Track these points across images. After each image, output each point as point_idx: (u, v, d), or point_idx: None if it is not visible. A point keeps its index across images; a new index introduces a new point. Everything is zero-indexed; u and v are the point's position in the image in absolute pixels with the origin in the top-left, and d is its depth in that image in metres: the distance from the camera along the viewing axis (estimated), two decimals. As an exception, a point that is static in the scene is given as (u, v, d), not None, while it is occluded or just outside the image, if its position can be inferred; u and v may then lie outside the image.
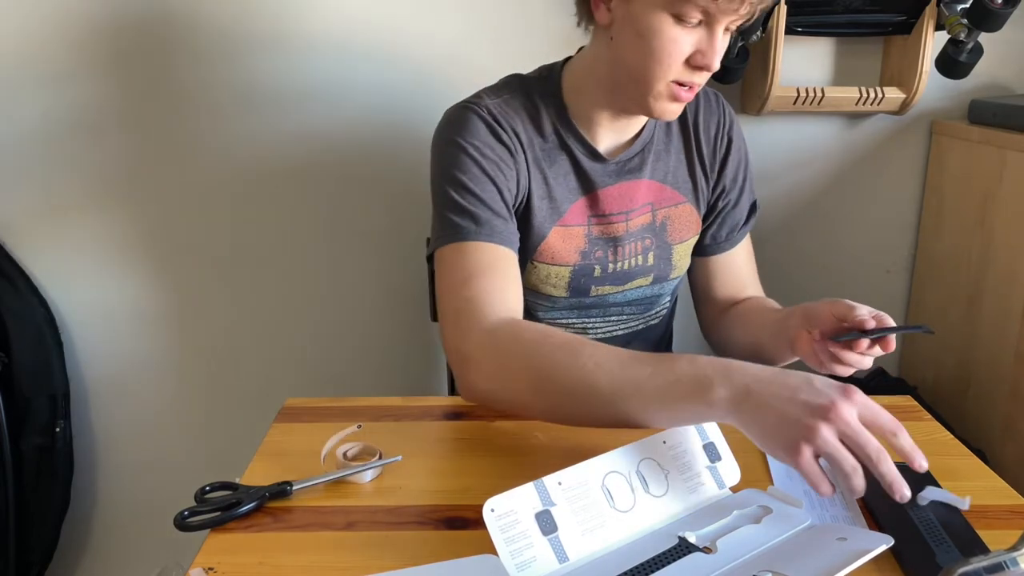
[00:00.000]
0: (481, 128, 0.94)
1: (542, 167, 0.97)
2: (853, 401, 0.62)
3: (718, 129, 1.05)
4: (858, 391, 0.63)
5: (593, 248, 1.01)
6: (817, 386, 0.64)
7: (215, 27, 1.36)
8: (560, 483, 0.65)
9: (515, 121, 0.96)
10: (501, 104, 0.97)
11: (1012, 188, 1.27)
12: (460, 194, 0.91)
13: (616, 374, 0.73)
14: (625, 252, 1.02)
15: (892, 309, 1.57)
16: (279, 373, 1.55)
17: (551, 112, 0.98)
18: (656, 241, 1.04)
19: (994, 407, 1.31)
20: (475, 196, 0.91)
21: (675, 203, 1.04)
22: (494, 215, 0.91)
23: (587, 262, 1.01)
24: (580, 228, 1.00)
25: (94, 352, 1.52)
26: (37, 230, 1.45)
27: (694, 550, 0.64)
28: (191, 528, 0.70)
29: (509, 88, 0.99)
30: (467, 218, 0.90)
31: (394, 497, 0.75)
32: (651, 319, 1.10)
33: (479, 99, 0.97)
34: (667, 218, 1.04)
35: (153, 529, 1.56)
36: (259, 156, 1.43)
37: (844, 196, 1.51)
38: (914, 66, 1.35)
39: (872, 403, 0.63)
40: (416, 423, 0.90)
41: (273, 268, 1.49)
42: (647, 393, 0.71)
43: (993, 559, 0.53)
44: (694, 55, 0.86)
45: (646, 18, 0.85)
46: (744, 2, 0.81)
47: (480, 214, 0.90)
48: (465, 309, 0.85)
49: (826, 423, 0.61)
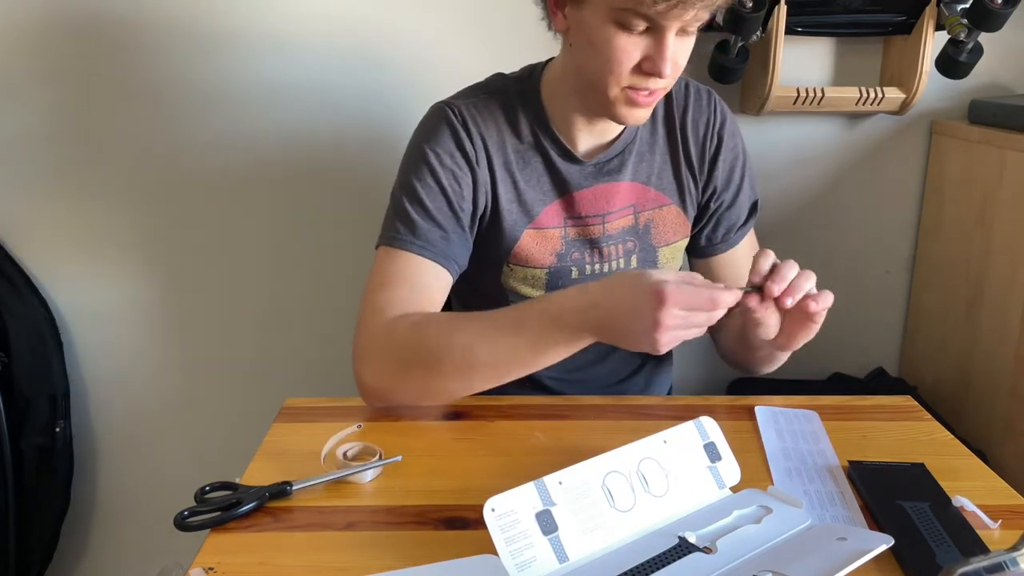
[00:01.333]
0: (446, 135, 0.95)
1: (512, 170, 0.97)
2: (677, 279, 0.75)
3: (707, 128, 1.02)
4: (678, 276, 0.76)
5: (570, 250, 1.00)
6: (643, 282, 0.76)
7: (216, 28, 1.36)
8: (561, 483, 0.65)
9: (488, 123, 0.97)
10: (477, 105, 0.97)
11: (1012, 188, 1.27)
12: (409, 201, 0.94)
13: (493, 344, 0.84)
14: (607, 254, 1.01)
15: (892, 309, 1.58)
16: (279, 373, 1.55)
17: (529, 113, 0.98)
18: (640, 244, 1.02)
19: (994, 407, 1.31)
20: (422, 207, 0.93)
21: (659, 205, 1.02)
22: (435, 227, 0.93)
23: (563, 264, 1.00)
24: (556, 230, 0.99)
25: (94, 352, 1.52)
26: (37, 230, 1.45)
27: (694, 550, 0.64)
28: (191, 528, 0.70)
29: (489, 88, 1.00)
30: (407, 227, 0.93)
31: (394, 497, 0.75)
32: None
33: (456, 100, 0.98)
34: (651, 221, 1.02)
35: (153, 529, 1.56)
36: (260, 157, 1.43)
37: (844, 196, 1.51)
38: (914, 66, 1.35)
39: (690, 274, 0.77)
40: (416, 423, 0.90)
41: (274, 268, 1.49)
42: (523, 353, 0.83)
43: (993, 559, 0.53)
44: (644, 62, 0.84)
45: (595, 26, 0.84)
46: (687, 7, 0.79)
47: (420, 225, 0.93)
48: (369, 312, 0.90)
49: (663, 306, 0.73)
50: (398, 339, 0.87)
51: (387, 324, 0.88)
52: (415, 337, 0.87)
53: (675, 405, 0.96)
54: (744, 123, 1.46)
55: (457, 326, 0.87)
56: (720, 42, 1.36)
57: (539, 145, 0.98)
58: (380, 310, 0.90)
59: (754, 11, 1.25)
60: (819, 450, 0.83)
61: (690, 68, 1.41)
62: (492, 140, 0.97)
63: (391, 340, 0.88)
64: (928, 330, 1.51)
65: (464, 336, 0.85)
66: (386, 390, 0.89)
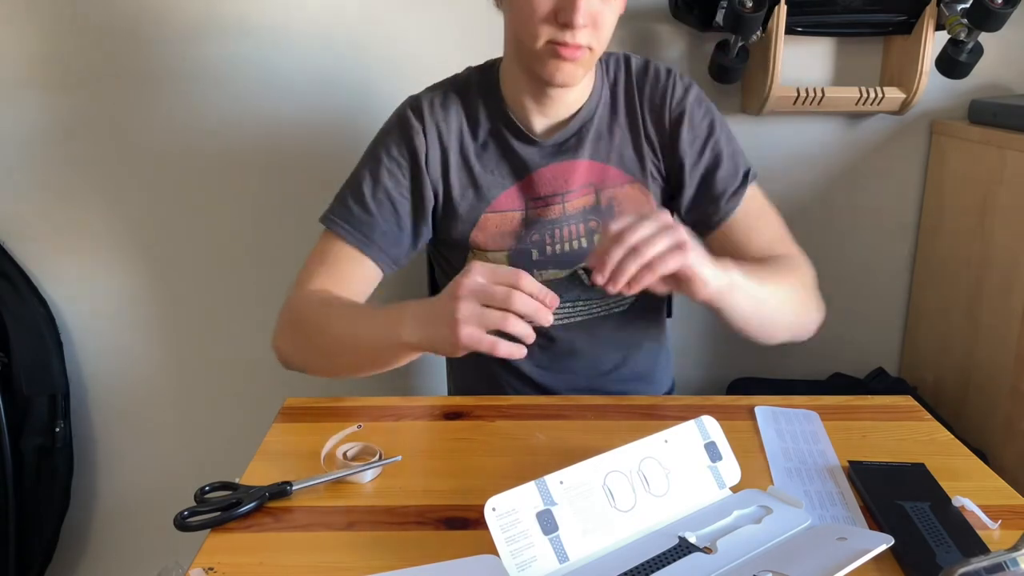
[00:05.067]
0: (396, 131, 1.01)
1: (469, 158, 1.01)
2: (471, 272, 0.74)
3: (665, 102, 1.01)
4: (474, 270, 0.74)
5: (529, 232, 1.01)
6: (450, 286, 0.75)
7: (216, 28, 1.37)
8: (562, 482, 0.65)
9: (448, 115, 1.01)
10: (439, 97, 1.02)
11: (1012, 188, 1.27)
12: (353, 188, 1.00)
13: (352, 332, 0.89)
14: (562, 234, 1.01)
15: (892, 309, 1.58)
16: (279, 373, 1.54)
17: (488, 101, 1.01)
18: (603, 223, 1.01)
19: (994, 407, 1.31)
20: (361, 197, 0.99)
21: (620, 184, 1.02)
22: (368, 217, 0.99)
23: (523, 246, 1.01)
24: (516, 213, 1.01)
25: (94, 352, 1.52)
26: (37, 230, 1.45)
27: (694, 550, 0.64)
28: (191, 528, 0.70)
29: (455, 80, 1.04)
30: (344, 213, 0.99)
31: (394, 497, 0.75)
32: (614, 307, 1.06)
33: (422, 93, 1.03)
34: (613, 199, 1.02)
35: (153, 529, 1.56)
36: (263, 158, 1.43)
37: (844, 196, 1.51)
38: (914, 66, 1.35)
39: (488, 266, 0.74)
40: (416, 423, 0.90)
41: (274, 267, 1.49)
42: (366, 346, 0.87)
43: (993, 559, 0.53)
44: (559, 13, 0.86)
45: None
46: None
47: (357, 215, 0.99)
48: (294, 284, 1.00)
49: (457, 300, 0.73)
50: (297, 312, 0.97)
51: (298, 297, 0.98)
52: (307, 312, 0.95)
53: (675, 405, 0.96)
54: (744, 123, 1.46)
55: (337, 312, 0.93)
56: (720, 42, 1.36)
57: (497, 131, 1.01)
58: (300, 283, 0.99)
59: (754, 11, 1.25)
60: (819, 450, 0.83)
61: (690, 68, 1.43)
62: (450, 131, 1.01)
63: (293, 312, 0.97)
64: (928, 330, 1.51)
65: (337, 320, 0.91)
66: (286, 354, 0.98)
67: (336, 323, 0.91)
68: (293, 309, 0.97)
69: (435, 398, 0.99)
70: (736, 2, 1.24)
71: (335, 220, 0.99)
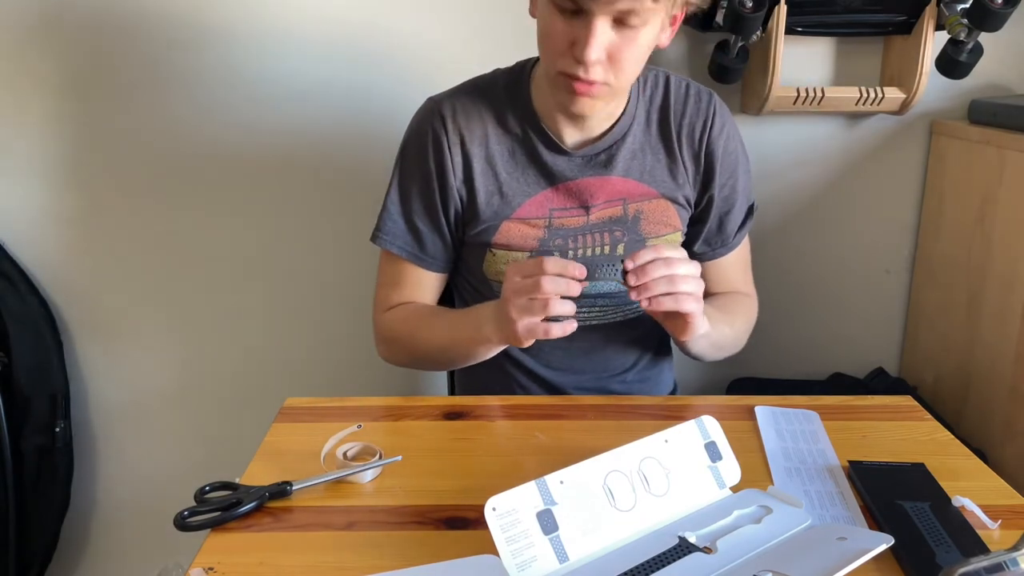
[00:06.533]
0: (421, 134, 1.01)
1: (494, 163, 1.00)
2: (508, 274, 0.86)
3: (704, 130, 1.02)
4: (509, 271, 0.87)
5: (552, 237, 1.01)
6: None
7: (216, 28, 1.37)
8: (562, 482, 0.65)
9: (471, 118, 1.00)
10: (464, 100, 1.01)
11: (1012, 188, 1.27)
12: (392, 205, 1.04)
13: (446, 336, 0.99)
14: (585, 241, 1.02)
15: (892, 309, 1.58)
16: (279, 373, 1.55)
17: (516, 106, 1.00)
18: (628, 234, 1.02)
19: (994, 407, 1.31)
20: (400, 214, 1.04)
21: (649, 198, 1.03)
22: (412, 232, 1.04)
23: (544, 250, 1.02)
24: (540, 220, 1.01)
25: (94, 352, 1.52)
26: (37, 230, 1.45)
27: (694, 550, 0.64)
28: (191, 528, 0.70)
29: (480, 82, 1.03)
30: (391, 230, 1.04)
31: (394, 497, 0.75)
32: (630, 312, 1.07)
33: (444, 95, 1.03)
34: (640, 211, 1.02)
35: (153, 529, 1.56)
36: (262, 158, 1.43)
37: (844, 196, 1.51)
38: (914, 66, 1.35)
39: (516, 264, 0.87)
40: (416, 423, 0.90)
41: (274, 267, 1.49)
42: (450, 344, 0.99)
43: (993, 559, 0.53)
44: (574, 47, 0.86)
45: (541, 9, 0.89)
46: None
47: (402, 233, 1.04)
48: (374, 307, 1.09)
49: (507, 302, 0.85)
50: (388, 331, 1.07)
51: (384, 318, 1.07)
52: (397, 330, 1.06)
53: (675, 405, 0.96)
54: (744, 123, 1.46)
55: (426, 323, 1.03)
56: (720, 42, 1.36)
57: (526, 137, 1.00)
58: (379, 304, 1.08)
59: (754, 11, 1.25)
60: (819, 450, 0.83)
61: (690, 68, 1.43)
62: (474, 134, 1.00)
63: (384, 332, 1.07)
64: (928, 330, 1.51)
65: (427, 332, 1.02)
66: (392, 362, 1.09)
67: (427, 334, 1.02)
68: (384, 329, 1.07)
69: (435, 398, 0.99)
70: (736, 2, 1.24)
71: (385, 239, 1.04)
